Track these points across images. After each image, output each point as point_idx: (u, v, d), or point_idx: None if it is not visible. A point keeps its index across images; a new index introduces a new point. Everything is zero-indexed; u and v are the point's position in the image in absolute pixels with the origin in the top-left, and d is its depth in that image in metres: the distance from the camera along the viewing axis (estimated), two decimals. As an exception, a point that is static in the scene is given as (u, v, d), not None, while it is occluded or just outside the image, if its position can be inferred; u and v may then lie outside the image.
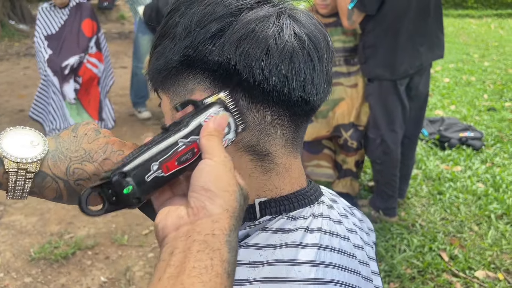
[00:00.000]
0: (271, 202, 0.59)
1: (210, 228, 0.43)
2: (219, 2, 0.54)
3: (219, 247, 0.42)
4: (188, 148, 0.49)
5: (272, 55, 0.53)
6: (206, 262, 0.41)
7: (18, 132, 0.53)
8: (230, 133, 0.52)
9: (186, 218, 0.44)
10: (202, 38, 0.53)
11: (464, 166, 3.48)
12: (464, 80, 5.66)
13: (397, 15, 2.38)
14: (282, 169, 0.60)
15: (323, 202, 0.64)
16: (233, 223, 0.45)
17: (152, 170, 0.46)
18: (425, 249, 2.52)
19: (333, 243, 0.60)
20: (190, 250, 0.41)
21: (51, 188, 0.53)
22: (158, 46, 0.58)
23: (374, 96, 2.56)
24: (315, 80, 0.56)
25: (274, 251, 0.55)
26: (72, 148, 0.54)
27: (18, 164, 0.50)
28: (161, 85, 0.59)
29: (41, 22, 3.72)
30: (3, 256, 2.51)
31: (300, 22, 0.56)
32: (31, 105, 3.90)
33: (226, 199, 0.45)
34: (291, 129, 0.59)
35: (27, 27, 8.68)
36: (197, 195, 0.45)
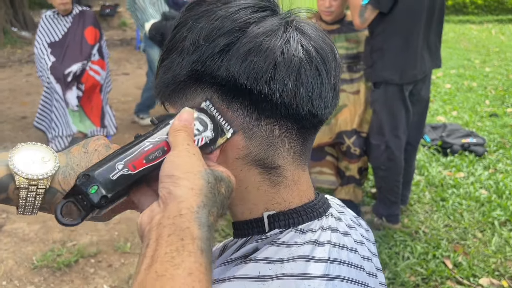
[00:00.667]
0: (280, 216, 0.59)
1: (177, 209, 0.43)
2: (227, 16, 0.54)
3: (188, 225, 0.42)
4: (156, 146, 0.51)
5: (280, 69, 0.53)
6: (177, 244, 0.41)
7: (29, 148, 0.53)
8: (207, 131, 0.53)
9: (157, 209, 0.45)
10: (210, 53, 0.53)
11: (467, 172, 3.47)
12: (466, 86, 5.66)
13: (409, 18, 2.39)
14: (290, 182, 0.60)
15: (331, 215, 0.64)
16: (202, 199, 0.45)
17: (117, 169, 0.48)
18: (429, 256, 2.51)
19: (341, 256, 0.60)
20: (161, 236, 0.42)
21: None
22: (165, 60, 0.58)
23: (379, 101, 2.56)
24: (323, 93, 0.56)
25: (284, 265, 0.55)
26: (82, 164, 0.54)
27: (29, 180, 0.50)
28: (168, 99, 0.60)
29: (44, 29, 3.74)
30: (6, 264, 2.50)
31: (307, 35, 0.56)
32: (35, 114, 3.91)
33: (190, 179, 0.46)
34: (299, 142, 0.59)
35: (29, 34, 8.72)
36: (163, 183, 0.46)
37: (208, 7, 0.56)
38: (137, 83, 5.83)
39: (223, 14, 0.55)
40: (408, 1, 2.36)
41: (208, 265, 0.42)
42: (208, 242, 0.43)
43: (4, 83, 6.00)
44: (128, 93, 5.54)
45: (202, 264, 0.41)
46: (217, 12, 0.55)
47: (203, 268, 0.41)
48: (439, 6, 2.48)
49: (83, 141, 0.57)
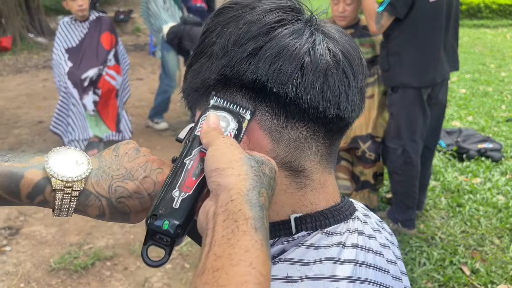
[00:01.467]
0: (307, 218, 0.59)
1: (228, 196, 0.44)
2: (254, 21, 0.55)
3: (240, 207, 0.43)
4: (196, 161, 0.52)
5: (307, 72, 0.53)
6: (232, 227, 0.42)
7: (63, 152, 0.55)
8: (231, 124, 0.54)
9: (210, 203, 0.46)
10: (239, 58, 0.54)
11: (484, 178, 3.43)
12: (481, 91, 5.61)
13: (424, 23, 2.38)
14: (317, 184, 0.60)
15: (357, 218, 0.64)
16: (249, 183, 0.46)
17: (175, 197, 0.50)
18: (446, 262, 2.48)
19: (367, 259, 0.60)
20: (217, 223, 0.43)
21: (94, 206, 0.54)
22: (194, 65, 0.59)
23: (397, 105, 2.54)
24: (350, 97, 0.57)
25: (311, 267, 0.56)
26: (113, 166, 0.55)
27: (65, 182, 0.52)
28: (197, 103, 0.61)
29: (61, 35, 3.80)
30: (24, 266, 2.54)
31: (333, 39, 0.57)
32: (52, 118, 3.97)
33: (234, 167, 0.46)
34: (326, 145, 0.59)
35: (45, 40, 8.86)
36: (210, 178, 0.47)
37: (236, 13, 0.57)
38: (151, 88, 5.88)
39: (250, 19, 0.55)
40: (425, 6, 2.35)
41: (264, 241, 0.43)
42: (261, 220, 0.44)
43: (21, 88, 6.10)
44: (143, 98, 5.59)
45: (258, 241, 0.42)
46: (244, 17, 0.56)
47: (259, 245, 0.42)
48: (455, 9, 2.48)
49: (114, 145, 0.58)
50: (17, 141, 4.29)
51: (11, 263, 2.56)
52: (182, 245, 2.68)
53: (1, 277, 2.46)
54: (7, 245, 2.73)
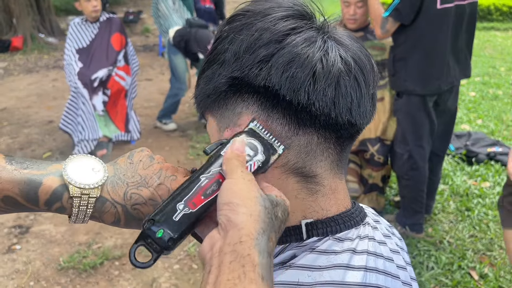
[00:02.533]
0: (318, 224, 0.60)
1: (237, 236, 0.44)
2: (266, 28, 0.56)
3: (249, 252, 0.43)
4: (211, 180, 0.52)
5: (319, 80, 0.54)
6: (239, 271, 0.42)
7: (80, 159, 0.56)
8: (258, 155, 0.54)
9: (217, 236, 0.46)
10: (251, 63, 0.55)
11: (493, 182, 3.41)
12: (491, 94, 5.57)
13: (430, 29, 2.37)
14: (328, 190, 0.60)
15: (368, 223, 0.64)
16: (261, 226, 0.45)
17: (178, 210, 0.50)
18: (454, 266, 2.47)
19: (378, 265, 0.60)
20: (223, 263, 0.43)
21: (110, 212, 0.55)
22: (206, 71, 0.60)
23: (402, 111, 2.55)
24: (361, 103, 0.57)
25: (322, 273, 0.56)
26: (128, 174, 0.56)
27: (82, 189, 0.53)
28: (209, 109, 0.61)
29: (72, 36, 3.84)
30: (33, 265, 2.56)
31: (345, 46, 0.57)
32: (61, 117, 4.01)
33: (248, 206, 0.46)
34: (337, 151, 0.59)
35: (56, 40, 8.93)
36: (221, 211, 0.47)
37: (248, 20, 0.57)
38: (160, 89, 5.91)
39: (262, 26, 0.56)
40: (431, 12, 2.33)
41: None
42: (268, 268, 0.44)
43: (31, 88, 6.15)
44: (151, 98, 5.62)
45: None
46: (256, 24, 0.56)
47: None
48: (469, 16, 2.44)
49: (128, 153, 0.59)
50: (27, 140, 4.33)
51: (21, 262, 2.59)
52: (190, 246, 2.69)
53: (11, 275, 2.48)
54: (17, 244, 2.76)
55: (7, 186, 0.52)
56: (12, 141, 4.35)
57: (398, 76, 2.47)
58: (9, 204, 0.54)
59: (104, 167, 0.56)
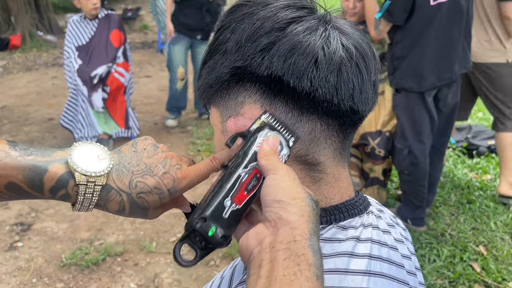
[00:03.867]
0: (322, 212, 0.59)
1: (291, 235, 0.44)
2: (267, 17, 0.56)
3: (303, 252, 0.43)
4: (250, 175, 0.52)
5: (321, 67, 0.54)
6: (294, 269, 0.42)
7: (85, 146, 0.56)
8: (283, 149, 0.54)
9: (266, 231, 0.46)
10: (252, 52, 0.55)
11: (494, 174, 3.41)
12: (491, 87, 5.56)
13: (425, 27, 2.36)
14: (331, 178, 0.60)
15: (372, 212, 0.64)
16: (311, 227, 0.46)
17: (227, 207, 0.50)
18: (456, 259, 2.47)
19: (382, 253, 0.60)
20: (276, 260, 0.43)
21: (115, 201, 0.55)
22: (209, 61, 0.60)
23: (401, 107, 2.54)
24: (363, 90, 0.57)
25: (327, 261, 0.56)
26: (133, 162, 0.56)
27: (88, 177, 0.53)
28: (211, 99, 0.61)
29: (72, 33, 3.83)
30: (36, 262, 2.56)
31: (346, 34, 0.58)
32: (61, 113, 4.01)
33: (298, 205, 0.46)
34: (340, 138, 0.59)
35: (54, 37, 8.92)
36: (271, 208, 0.47)
37: (250, 9, 0.57)
38: (159, 86, 5.91)
39: (263, 15, 0.56)
40: (425, 10, 2.32)
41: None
42: (321, 269, 0.44)
43: (31, 86, 6.15)
44: (151, 95, 5.61)
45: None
46: (258, 14, 0.56)
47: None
48: (465, 7, 2.43)
49: (131, 141, 0.59)
50: (27, 138, 4.33)
51: (23, 259, 2.59)
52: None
53: (13, 272, 2.49)
54: (19, 241, 2.76)
55: (11, 172, 0.52)
56: (12, 139, 4.34)
57: (396, 74, 2.48)
58: (13, 191, 0.53)
59: (109, 154, 0.56)
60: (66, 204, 3.13)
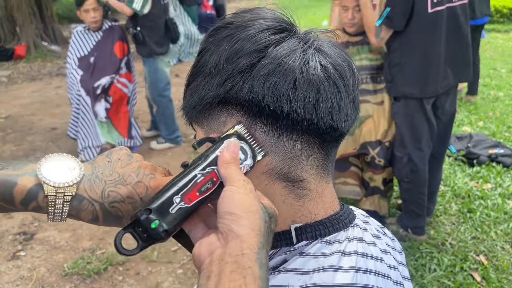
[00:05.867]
0: (307, 228, 0.61)
1: (239, 248, 0.46)
2: (247, 38, 0.57)
3: (250, 265, 0.45)
4: (206, 178, 0.53)
5: (300, 87, 0.55)
6: (239, 281, 0.43)
7: (56, 158, 0.57)
8: (247, 160, 0.56)
9: (217, 243, 0.48)
10: (231, 74, 0.56)
11: (495, 183, 3.41)
12: (492, 96, 5.56)
13: (424, 33, 2.38)
14: (315, 194, 0.62)
15: (357, 225, 0.66)
16: (261, 240, 0.47)
17: (175, 203, 0.51)
18: (456, 268, 2.48)
19: (368, 265, 0.62)
20: (224, 272, 0.44)
21: (87, 210, 0.56)
22: (191, 83, 0.62)
23: (400, 114, 2.56)
24: (342, 107, 0.59)
25: (312, 275, 0.57)
26: (106, 172, 0.57)
27: (56, 188, 0.54)
28: (195, 119, 0.63)
29: (75, 44, 3.88)
30: (38, 271, 2.59)
31: (325, 53, 0.59)
32: (65, 125, 4.05)
33: (250, 219, 0.48)
34: (322, 155, 0.61)
35: (59, 48, 9.00)
36: (224, 220, 0.49)
37: (230, 32, 0.59)
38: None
39: (243, 37, 0.57)
40: (423, 17, 2.34)
41: None
42: (267, 281, 0.46)
43: (35, 96, 6.20)
44: (154, 104, 5.63)
45: None
46: (238, 36, 0.58)
47: None
48: (462, 17, 2.46)
49: (107, 151, 0.60)
50: (31, 148, 4.37)
51: (26, 268, 2.61)
52: (193, 250, 2.70)
53: (16, 281, 2.51)
54: (22, 250, 2.78)
55: None
56: (16, 148, 4.38)
57: (395, 81, 2.49)
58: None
59: (80, 165, 0.57)
60: (68, 214, 3.16)
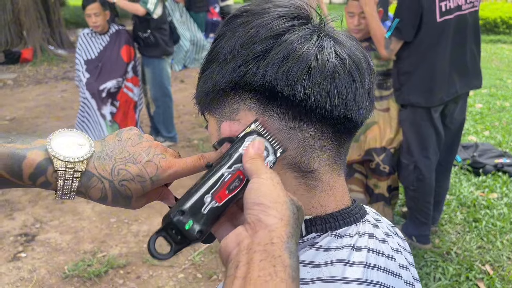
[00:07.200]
0: (317, 220, 0.60)
1: (268, 237, 0.44)
2: (262, 25, 0.56)
3: (280, 254, 0.43)
4: (233, 176, 0.52)
5: (314, 74, 0.54)
6: (269, 270, 0.42)
7: (66, 134, 0.56)
8: (270, 156, 0.55)
9: (245, 233, 0.46)
10: (246, 59, 0.55)
11: (500, 193, 3.37)
12: (498, 106, 5.54)
13: (432, 42, 2.37)
14: (326, 186, 0.60)
15: (368, 221, 0.64)
16: (290, 230, 0.46)
17: (206, 203, 0.50)
18: (462, 278, 2.44)
19: (379, 262, 0.60)
20: (253, 261, 0.43)
21: (96, 188, 0.55)
22: (206, 71, 0.61)
23: (407, 122, 2.54)
24: (357, 97, 0.57)
25: (321, 269, 0.56)
26: (117, 150, 0.56)
27: (66, 163, 0.53)
28: (208, 107, 0.62)
29: (81, 47, 3.90)
30: (39, 273, 2.56)
31: (340, 43, 0.58)
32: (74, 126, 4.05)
33: (278, 209, 0.47)
34: (335, 146, 0.60)
35: (65, 52, 9.06)
36: (251, 210, 0.47)
37: (245, 19, 0.58)
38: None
39: (258, 23, 0.57)
40: (432, 26, 2.33)
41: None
42: (297, 271, 0.44)
43: (40, 99, 6.23)
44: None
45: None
46: (253, 22, 0.57)
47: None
48: (472, 24, 2.45)
49: (117, 131, 0.60)
50: (35, 150, 4.36)
51: (26, 270, 2.59)
52: (194, 254, 2.68)
53: (16, 283, 2.49)
54: (22, 251, 2.76)
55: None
56: (20, 150, 4.38)
57: (403, 89, 2.48)
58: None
59: (90, 142, 0.56)
60: (70, 216, 3.14)
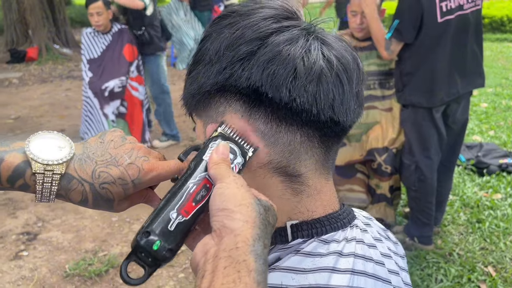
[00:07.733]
0: (303, 225, 0.58)
1: (233, 243, 0.43)
2: (248, 26, 0.55)
3: (244, 258, 0.42)
4: (199, 186, 0.51)
5: (300, 76, 0.53)
6: (233, 276, 0.41)
7: (46, 136, 0.55)
8: (237, 158, 0.54)
9: (211, 242, 0.45)
10: (231, 61, 0.54)
11: (505, 194, 3.34)
12: (504, 105, 5.49)
13: (433, 43, 2.35)
14: (313, 191, 0.59)
15: (356, 226, 0.63)
16: (256, 232, 0.45)
17: (173, 219, 0.48)
18: (464, 279, 2.42)
19: (367, 268, 0.59)
20: (217, 269, 0.42)
21: (77, 190, 0.54)
22: (192, 72, 0.60)
23: (408, 122, 2.53)
24: (344, 100, 0.56)
25: (307, 276, 0.55)
26: (98, 152, 0.55)
27: (45, 166, 0.52)
28: (194, 109, 0.61)
29: (85, 46, 3.92)
30: (40, 272, 2.57)
31: (328, 45, 0.57)
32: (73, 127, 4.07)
33: (243, 211, 0.46)
34: (322, 150, 0.58)
35: (70, 51, 9.09)
36: (216, 217, 0.46)
37: (232, 20, 0.57)
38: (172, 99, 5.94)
39: (244, 24, 0.56)
40: (433, 27, 2.31)
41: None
42: (263, 274, 0.43)
43: (45, 97, 6.25)
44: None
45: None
46: (239, 23, 0.56)
47: None
48: (474, 24, 2.42)
49: (100, 132, 0.59)
50: (38, 149, 4.39)
51: (28, 268, 2.60)
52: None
53: (17, 281, 2.50)
54: (24, 250, 2.77)
55: None
56: (24, 149, 4.40)
57: (405, 90, 2.46)
58: None
59: (70, 144, 0.55)
60: (73, 214, 3.15)
